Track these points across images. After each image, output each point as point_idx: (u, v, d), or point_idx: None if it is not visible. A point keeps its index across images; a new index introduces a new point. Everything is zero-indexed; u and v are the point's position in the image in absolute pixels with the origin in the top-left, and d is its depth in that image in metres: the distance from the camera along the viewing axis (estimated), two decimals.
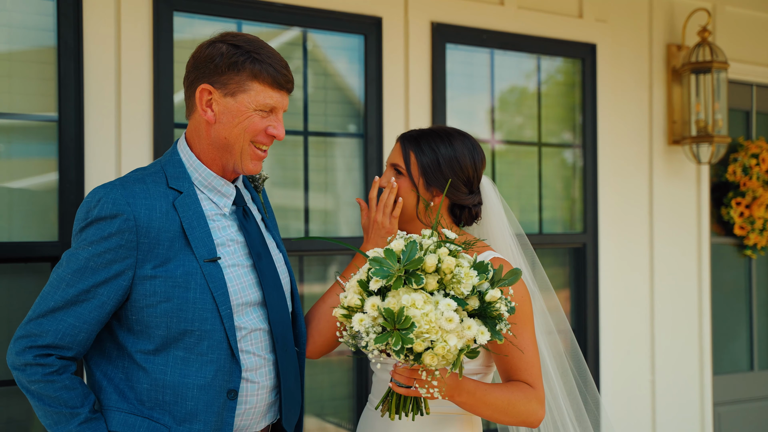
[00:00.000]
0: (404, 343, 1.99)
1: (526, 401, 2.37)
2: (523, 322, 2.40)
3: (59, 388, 2.17)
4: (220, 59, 2.26)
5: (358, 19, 3.90)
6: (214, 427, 2.23)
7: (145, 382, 2.21)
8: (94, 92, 3.28)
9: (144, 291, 2.19)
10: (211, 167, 2.34)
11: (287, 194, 3.82)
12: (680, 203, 4.96)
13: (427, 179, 2.50)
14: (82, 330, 2.18)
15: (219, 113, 2.27)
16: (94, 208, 2.18)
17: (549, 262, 4.61)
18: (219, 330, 2.22)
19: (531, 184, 4.52)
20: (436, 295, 2.06)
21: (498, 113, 4.41)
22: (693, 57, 4.77)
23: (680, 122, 4.88)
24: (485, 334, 2.06)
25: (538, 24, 4.42)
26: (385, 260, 2.07)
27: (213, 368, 2.22)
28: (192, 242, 2.23)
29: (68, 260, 2.19)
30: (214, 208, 2.33)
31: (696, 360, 5.02)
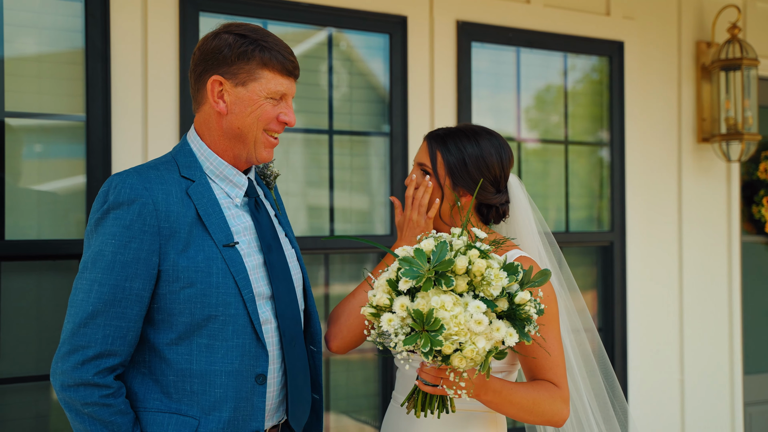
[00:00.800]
0: (433, 345, 1.98)
1: (551, 400, 2.37)
2: (550, 321, 2.39)
3: (114, 412, 2.12)
4: (229, 50, 2.25)
5: (384, 18, 3.91)
6: (244, 414, 2.21)
7: (170, 374, 2.17)
8: (122, 93, 3.32)
9: (167, 277, 2.15)
10: (223, 158, 2.32)
11: (312, 192, 3.84)
12: (710, 201, 4.92)
13: (453, 179, 2.49)
14: (130, 329, 2.13)
15: (231, 104, 2.27)
16: (111, 194, 2.15)
17: (576, 260, 4.59)
18: (243, 314, 2.20)
19: (558, 183, 4.50)
20: (465, 296, 2.05)
21: (524, 112, 4.40)
22: (723, 54, 4.73)
23: (710, 120, 4.83)
24: (514, 336, 2.05)
25: (564, 22, 4.40)
26: (414, 260, 2.05)
27: (239, 353, 2.19)
28: (209, 228, 2.21)
29: (94, 260, 2.12)
30: (226, 198, 2.31)
31: (726, 359, 4.97)
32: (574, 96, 4.55)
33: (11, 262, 3.16)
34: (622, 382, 4.55)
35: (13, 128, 3.18)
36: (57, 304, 3.25)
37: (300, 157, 3.81)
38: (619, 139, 4.58)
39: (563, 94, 4.52)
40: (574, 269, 4.52)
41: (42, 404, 3.25)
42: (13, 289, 3.17)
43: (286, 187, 3.74)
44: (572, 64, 4.54)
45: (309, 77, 3.82)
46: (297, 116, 3.79)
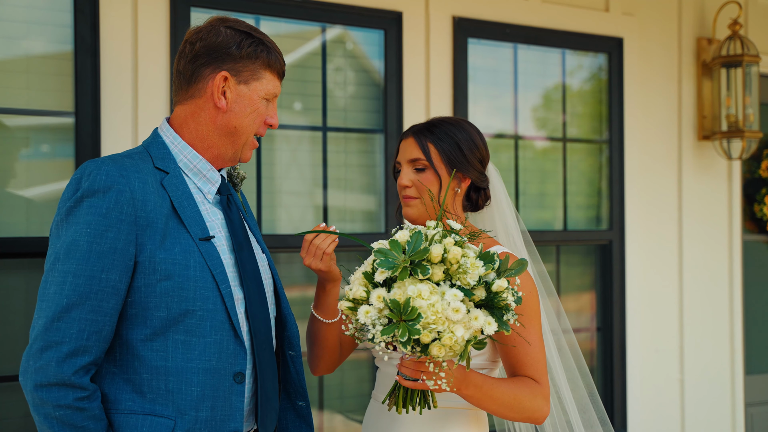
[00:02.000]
0: (411, 334, 1.96)
1: (532, 397, 2.34)
2: (530, 315, 2.38)
3: (87, 417, 2.00)
4: (237, 48, 2.20)
5: (379, 14, 3.87)
6: (222, 414, 2.13)
7: (143, 372, 2.07)
8: (111, 89, 3.29)
9: (143, 269, 2.06)
10: (202, 154, 2.25)
11: (306, 190, 3.80)
12: (710, 200, 4.86)
13: (451, 165, 2.47)
14: (105, 324, 2.02)
15: (231, 101, 2.21)
16: (85, 181, 2.04)
17: (575, 259, 4.54)
18: (221, 310, 2.12)
19: (556, 180, 4.46)
20: (442, 285, 2.03)
21: (522, 109, 4.35)
22: (723, 50, 4.67)
23: (710, 117, 4.78)
24: (492, 324, 2.02)
25: (562, 18, 4.35)
26: (390, 251, 2.02)
27: (216, 350, 2.11)
28: (185, 221, 2.13)
29: (68, 250, 2.01)
30: (198, 193, 2.24)
31: (727, 359, 4.92)
32: (573, 93, 4.51)
33: (0, 259, 3.13)
34: (621, 381, 4.51)
35: (2, 125, 3.15)
36: None
37: (295, 154, 3.77)
38: (618, 137, 4.53)
39: (561, 91, 4.47)
40: (573, 268, 4.49)
41: None
42: (1, 286, 3.14)
43: (290, 185, 3.70)
44: (571, 61, 4.49)
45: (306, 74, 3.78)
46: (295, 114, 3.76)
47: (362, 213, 3.93)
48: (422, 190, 2.47)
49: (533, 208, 4.40)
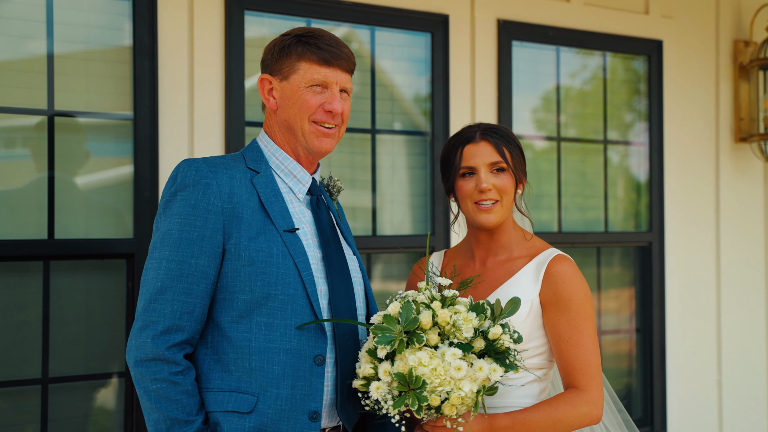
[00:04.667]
0: (420, 401, 2.08)
1: (573, 410, 2.38)
2: (583, 318, 2.43)
3: (181, 391, 2.17)
4: (274, 49, 2.39)
5: (426, 17, 3.90)
6: (303, 393, 2.24)
7: (230, 352, 2.23)
8: (168, 91, 3.31)
9: (230, 256, 2.23)
10: (288, 153, 2.41)
11: (353, 192, 3.83)
12: (747, 202, 4.89)
13: (518, 169, 2.56)
14: (196, 306, 2.20)
15: (279, 98, 2.38)
16: (179, 177, 2.26)
17: (614, 260, 4.57)
18: (302, 295, 2.25)
19: (596, 183, 4.48)
20: (441, 346, 2.14)
21: (563, 110, 4.38)
22: (761, 53, 4.70)
23: (747, 119, 4.80)
24: (498, 371, 2.14)
25: (603, 20, 4.38)
26: (386, 326, 2.14)
27: (297, 332, 2.24)
28: (271, 214, 2.29)
29: (163, 239, 2.21)
30: (289, 192, 2.40)
31: (764, 362, 4.94)
32: (613, 95, 4.53)
33: (60, 261, 3.16)
34: (661, 382, 4.53)
35: (63, 126, 3.18)
36: (104, 303, 3.25)
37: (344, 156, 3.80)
38: (657, 139, 4.56)
39: (603, 93, 4.49)
40: (612, 269, 4.52)
41: (90, 403, 3.24)
42: (62, 288, 3.17)
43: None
44: (612, 63, 4.52)
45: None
46: None
47: (409, 214, 3.96)
48: (504, 193, 2.50)
49: (573, 209, 4.42)
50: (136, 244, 3.22)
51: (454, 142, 2.57)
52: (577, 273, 2.47)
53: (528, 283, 2.46)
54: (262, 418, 2.20)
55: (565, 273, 2.44)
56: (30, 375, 3.11)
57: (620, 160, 4.57)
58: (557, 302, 2.43)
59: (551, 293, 2.44)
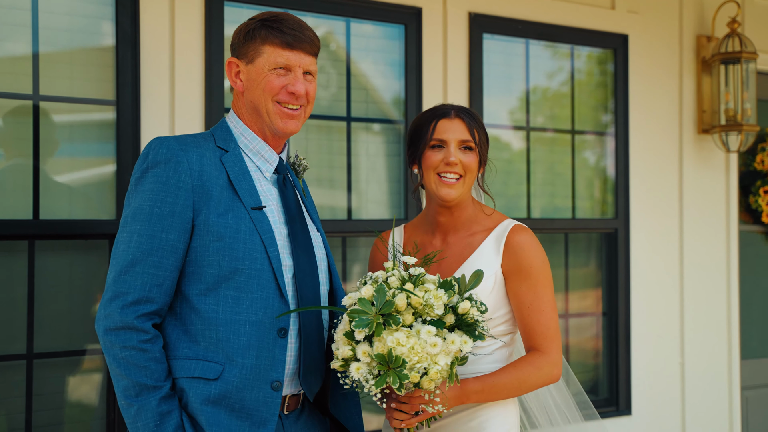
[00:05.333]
0: (401, 379, 2.20)
1: (537, 371, 2.55)
2: (543, 284, 2.58)
3: (150, 358, 2.26)
4: (241, 33, 2.51)
5: (399, 9, 4.03)
6: (266, 363, 2.35)
7: (198, 323, 2.33)
8: (150, 79, 3.43)
9: (199, 231, 2.33)
10: (256, 134, 2.52)
11: (330, 178, 3.95)
12: (709, 191, 5.06)
13: (484, 151, 2.70)
14: (166, 278, 2.30)
15: (245, 81, 2.49)
16: (150, 155, 2.35)
17: (582, 247, 4.73)
18: (267, 270, 2.36)
19: (564, 171, 4.64)
20: (415, 324, 2.25)
21: (533, 102, 4.53)
22: (722, 47, 4.87)
23: (710, 112, 4.98)
24: (468, 342, 2.27)
25: (571, 14, 4.54)
26: (361, 310, 2.24)
27: (263, 305, 2.35)
28: (239, 192, 2.40)
29: (134, 214, 2.31)
30: (257, 171, 2.50)
31: (725, 344, 5.12)
32: (581, 87, 4.69)
33: (45, 240, 3.26)
34: (626, 365, 4.69)
35: (47, 112, 3.29)
36: (88, 282, 3.36)
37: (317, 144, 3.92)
38: (623, 130, 4.72)
39: (570, 85, 4.65)
40: (579, 255, 4.67)
41: (74, 378, 3.35)
42: (46, 267, 3.28)
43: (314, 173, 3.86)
44: (579, 56, 4.68)
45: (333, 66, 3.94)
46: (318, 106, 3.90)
47: (384, 198, 4.09)
48: (469, 171, 2.64)
49: (542, 196, 4.57)
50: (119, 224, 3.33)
51: (428, 115, 2.68)
52: (535, 242, 2.62)
53: (490, 256, 2.60)
54: (227, 386, 2.31)
55: (524, 243, 2.60)
56: (15, 351, 3.22)
57: (587, 150, 4.73)
58: (518, 271, 2.58)
59: (512, 263, 2.58)
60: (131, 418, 2.27)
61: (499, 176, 4.42)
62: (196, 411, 2.30)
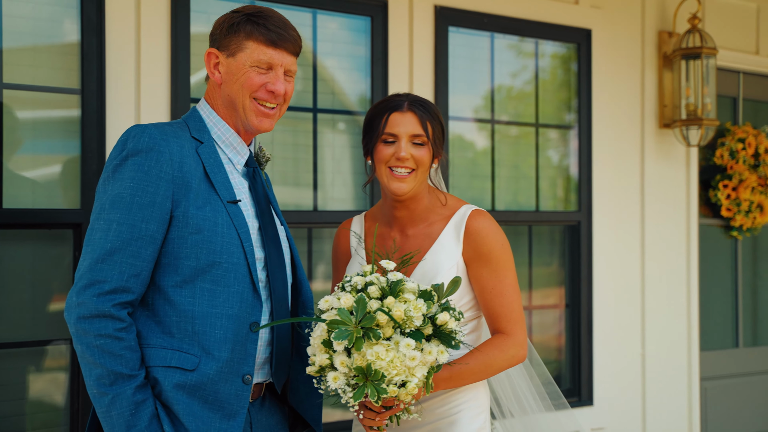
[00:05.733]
0: (380, 393, 2.21)
1: (503, 354, 2.58)
2: (504, 268, 2.61)
3: (125, 347, 2.24)
4: (224, 25, 2.48)
5: (365, 2, 4.04)
6: (239, 357, 2.36)
7: (173, 315, 2.32)
8: (115, 67, 3.41)
9: (178, 223, 2.31)
10: (229, 125, 2.51)
11: (299, 170, 3.96)
12: (670, 185, 5.14)
13: (438, 144, 2.67)
14: (143, 269, 2.27)
15: (224, 73, 2.47)
16: (130, 142, 2.31)
17: (545, 239, 4.78)
18: (243, 264, 2.37)
19: (529, 165, 4.68)
20: (394, 336, 2.25)
21: (497, 95, 4.57)
22: (683, 43, 4.95)
23: (671, 106, 5.05)
24: (445, 353, 2.29)
25: (536, 9, 4.58)
26: (341, 321, 2.23)
27: (238, 300, 2.35)
28: (215, 185, 2.39)
29: (113, 202, 2.27)
30: (228, 163, 2.49)
31: (684, 336, 5.20)
32: (545, 81, 4.74)
33: (8, 230, 3.23)
34: (588, 356, 4.75)
35: (11, 100, 3.25)
36: (51, 272, 3.34)
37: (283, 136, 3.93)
38: (586, 123, 4.78)
39: (534, 78, 4.70)
40: (543, 247, 4.72)
41: (37, 368, 3.33)
42: (9, 256, 3.25)
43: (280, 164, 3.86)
44: (544, 50, 4.72)
45: None
46: None
47: (349, 191, 4.10)
48: (420, 164, 2.61)
49: (507, 191, 4.62)
50: (83, 214, 3.31)
51: (382, 107, 2.66)
52: (494, 226, 2.63)
53: (451, 245, 2.61)
54: (202, 378, 2.30)
55: (483, 228, 2.61)
56: None
57: (551, 143, 4.78)
58: (479, 257, 2.60)
59: (472, 250, 2.60)
60: (104, 407, 2.23)
61: (464, 170, 4.45)
62: (171, 400, 2.29)
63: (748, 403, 5.66)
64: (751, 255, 5.79)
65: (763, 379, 5.75)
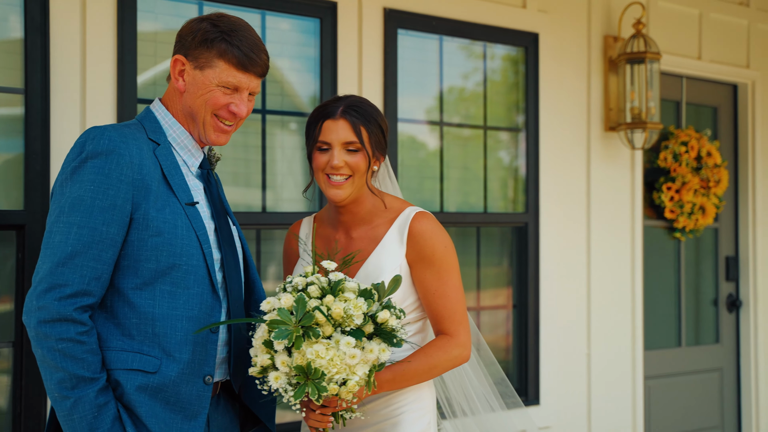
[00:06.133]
0: (320, 391, 2.23)
1: (446, 354, 2.59)
2: (447, 270, 2.62)
3: (87, 350, 2.25)
4: (197, 34, 2.46)
5: (315, 3, 4.04)
6: (200, 358, 2.39)
7: (133, 317, 2.33)
8: (60, 67, 3.36)
9: (137, 226, 2.32)
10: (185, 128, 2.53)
11: (245, 170, 3.95)
12: (615, 187, 5.23)
13: (375, 148, 2.67)
14: (104, 272, 2.28)
15: (188, 83, 2.47)
16: (89, 144, 2.31)
17: (493, 240, 4.82)
18: (202, 266, 2.39)
19: (477, 167, 4.72)
20: (334, 335, 2.27)
21: (448, 96, 4.60)
22: (628, 48, 5.04)
23: (616, 110, 5.14)
24: (386, 351, 2.31)
25: (484, 12, 4.62)
26: (281, 321, 2.25)
27: (198, 301, 2.38)
28: (173, 187, 2.40)
29: (72, 205, 2.26)
30: (184, 165, 2.51)
31: (629, 335, 5.29)
32: (493, 83, 4.78)
33: None
34: (535, 356, 4.81)
35: None
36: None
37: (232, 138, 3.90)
38: (533, 126, 4.83)
39: (483, 81, 4.74)
40: (492, 248, 4.77)
41: None
42: None
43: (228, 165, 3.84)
44: (492, 53, 4.77)
45: None
46: None
47: (298, 193, 4.10)
48: (356, 171, 2.62)
49: (456, 192, 4.65)
50: (27, 215, 3.26)
51: (316, 114, 2.67)
52: (437, 228, 2.64)
53: (394, 248, 2.63)
54: (164, 380, 2.32)
55: (426, 231, 2.62)
56: None
57: (499, 146, 4.83)
58: (422, 259, 2.61)
59: (416, 252, 2.61)
60: (66, 411, 2.24)
61: (415, 171, 4.47)
62: (134, 402, 2.30)
63: (690, 401, 5.78)
64: (694, 256, 5.92)
65: (704, 377, 5.88)
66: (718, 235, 6.01)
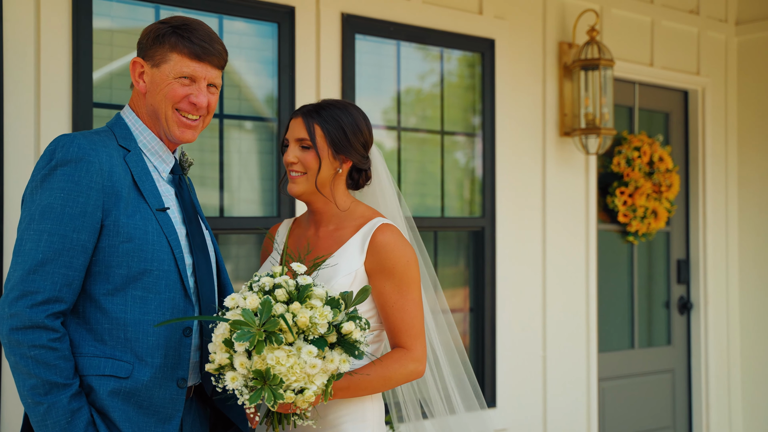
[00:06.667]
0: (276, 398, 2.22)
1: (401, 368, 2.59)
2: (406, 284, 2.62)
3: (59, 356, 2.26)
4: (150, 35, 2.51)
5: (272, 8, 4.05)
6: (173, 362, 2.41)
7: (105, 323, 2.34)
8: (14, 69, 3.32)
9: (108, 232, 2.33)
10: (154, 134, 2.54)
11: (205, 174, 3.93)
12: (570, 191, 5.30)
13: (335, 148, 2.68)
14: (75, 278, 2.29)
15: (148, 83, 2.51)
16: (59, 152, 2.32)
17: (450, 245, 4.86)
18: (174, 271, 2.41)
19: (434, 171, 4.76)
20: (296, 342, 2.25)
21: (404, 102, 4.63)
22: (582, 54, 5.11)
23: (570, 115, 5.21)
24: (347, 362, 2.29)
25: (441, 18, 4.66)
26: (244, 322, 2.23)
27: (170, 306, 2.40)
28: (144, 193, 2.42)
29: (43, 212, 2.27)
30: (155, 171, 2.53)
31: (583, 338, 5.37)
32: (450, 89, 4.82)
33: None
34: (491, 359, 4.86)
35: None
36: None
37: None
38: (489, 131, 4.88)
39: (440, 86, 4.77)
40: (449, 252, 4.80)
41: None
42: None
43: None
44: (449, 59, 4.81)
45: None
46: None
47: (257, 196, 4.10)
48: (308, 168, 2.67)
49: (414, 196, 4.68)
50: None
51: (291, 115, 2.75)
52: (400, 241, 2.63)
53: (354, 253, 2.62)
54: (136, 384, 2.35)
55: (388, 243, 2.61)
56: None
57: (457, 151, 4.87)
58: (381, 270, 2.60)
59: (376, 262, 2.61)
60: (39, 417, 2.25)
61: None
62: (107, 407, 2.32)
63: (643, 403, 5.87)
64: (646, 259, 6.02)
65: (656, 378, 5.98)
66: (669, 238, 6.12)
